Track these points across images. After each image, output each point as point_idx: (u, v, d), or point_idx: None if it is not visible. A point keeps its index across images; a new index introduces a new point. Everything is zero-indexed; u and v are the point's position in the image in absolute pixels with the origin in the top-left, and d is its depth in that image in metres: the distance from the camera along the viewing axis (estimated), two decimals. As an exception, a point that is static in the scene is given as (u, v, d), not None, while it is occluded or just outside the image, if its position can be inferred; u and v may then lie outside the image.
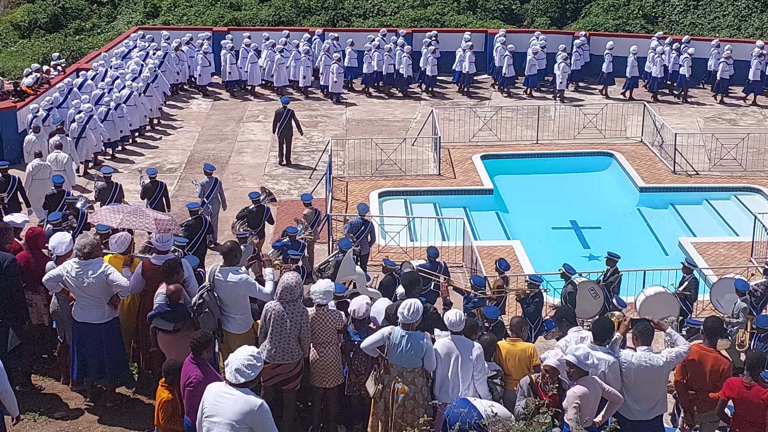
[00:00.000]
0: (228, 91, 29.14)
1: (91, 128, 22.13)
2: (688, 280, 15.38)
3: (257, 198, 17.37)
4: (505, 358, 10.19)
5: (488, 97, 29.15)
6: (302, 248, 15.62)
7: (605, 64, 28.85)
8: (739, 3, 34.29)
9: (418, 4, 35.76)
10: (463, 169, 23.54)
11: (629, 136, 25.55)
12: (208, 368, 8.88)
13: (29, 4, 38.10)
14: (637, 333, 9.64)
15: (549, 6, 35.74)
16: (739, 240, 19.85)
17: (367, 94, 29.21)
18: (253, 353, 7.69)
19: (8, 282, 10.57)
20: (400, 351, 9.50)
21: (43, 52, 32.90)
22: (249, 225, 16.69)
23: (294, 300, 10.04)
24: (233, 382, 7.58)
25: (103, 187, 17.80)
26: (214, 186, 18.15)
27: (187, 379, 8.79)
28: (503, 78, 29.14)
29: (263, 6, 36.21)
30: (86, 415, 10.73)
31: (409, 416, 9.50)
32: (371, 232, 17.15)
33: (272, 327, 10.00)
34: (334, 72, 28.23)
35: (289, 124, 23.24)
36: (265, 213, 17.28)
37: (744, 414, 9.58)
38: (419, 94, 29.26)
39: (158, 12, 36.75)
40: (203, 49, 28.90)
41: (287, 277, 10.15)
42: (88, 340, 10.44)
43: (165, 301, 10.23)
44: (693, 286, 15.37)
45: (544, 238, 20.76)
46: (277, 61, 28.66)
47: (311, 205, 17.68)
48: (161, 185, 18.02)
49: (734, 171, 23.29)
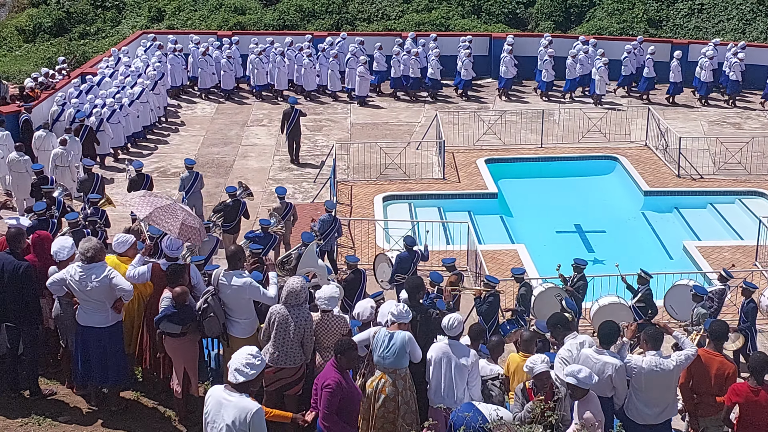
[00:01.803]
0: (226, 96, 29.11)
1: (113, 123, 23.03)
2: (642, 291, 15.21)
3: (233, 192, 17.76)
4: (514, 372, 10.12)
5: (491, 100, 29.14)
6: (274, 241, 16.09)
7: (646, 70, 28.61)
8: (743, 7, 34.27)
9: (422, 8, 35.79)
10: (467, 172, 23.53)
11: (633, 140, 25.53)
12: (347, 375, 9.00)
13: (34, 9, 38.16)
14: (647, 338, 9.63)
15: (553, 10, 35.74)
16: (743, 244, 19.81)
17: (395, 98, 29.13)
18: (253, 352, 7.67)
19: (24, 288, 10.60)
20: (383, 350, 9.54)
21: (48, 56, 32.98)
22: (225, 219, 17.21)
23: (299, 304, 10.03)
24: (233, 381, 7.56)
25: (84, 179, 18.51)
26: (195, 180, 18.70)
27: (325, 382, 8.87)
28: (542, 83, 28.99)
29: (267, 10, 36.27)
30: (91, 418, 10.72)
31: (390, 416, 9.56)
32: (338, 229, 17.58)
33: (276, 331, 10.00)
34: (359, 75, 28.31)
35: (297, 124, 23.64)
36: (241, 207, 17.68)
37: (751, 419, 9.55)
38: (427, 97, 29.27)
39: (163, 16, 36.82)
40: (227, 53, 28.90)
41: (292, 281, 10.15)
42: (92, 344, 10.42)
43: (171, 304, 10.25)
44: (648, 297, 15.18)
45: (549, 242, 20.74)
46: (306, 65, 28.71)
47: (284, 198, 18.09)
48: (147, 178, 18.59)
49: (739, 175, 23.26)
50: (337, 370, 8.97)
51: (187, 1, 37.20)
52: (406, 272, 15.64)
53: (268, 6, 36.78)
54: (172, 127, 26.65)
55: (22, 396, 11.00)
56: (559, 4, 35.82)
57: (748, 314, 14.51)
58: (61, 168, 20.29)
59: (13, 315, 10.71)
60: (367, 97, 28.79)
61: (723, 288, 15.28)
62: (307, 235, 14.73)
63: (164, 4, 37.26)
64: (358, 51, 28.98)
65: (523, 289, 14.89)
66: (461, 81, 29.18)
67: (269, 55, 28.76)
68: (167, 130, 26.36)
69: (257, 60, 28.61)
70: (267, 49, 28.84)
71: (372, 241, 19.27)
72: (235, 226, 17.55)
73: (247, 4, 36.85)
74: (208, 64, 28.80)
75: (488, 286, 14.32)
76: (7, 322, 10.80)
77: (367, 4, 36.33)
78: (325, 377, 8.97)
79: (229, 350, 10.54)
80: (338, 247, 18.61)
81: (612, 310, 14.64)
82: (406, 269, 15.82)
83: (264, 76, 28.84)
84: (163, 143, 25.34)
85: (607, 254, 20.12)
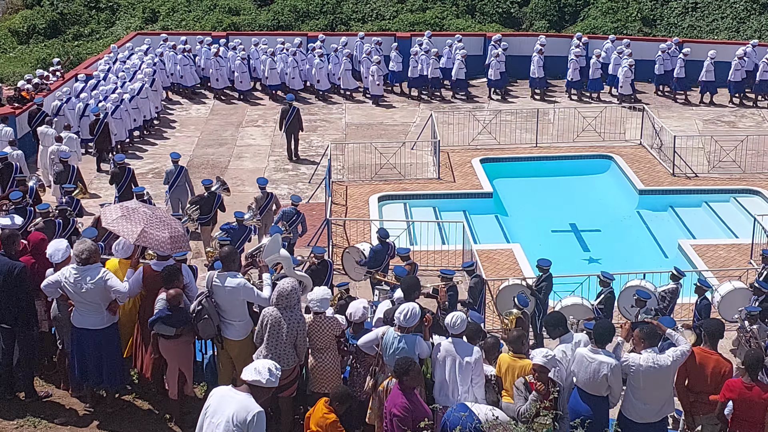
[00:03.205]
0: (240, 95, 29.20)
1: (116, 118, 23.45)
2: (605, 293, 15.19)
3: (209, 185, 18.16)
4: (505, 372, 10.10)
5: (485, 100, 29.18)
6: (249, 233, 16.49)
7: (677, 69, 28.46)
8: (737, 5, 34.32)
9: (417, 8, 35.79)
10: (462, 172, 23.54)
11: (628, 139, 25.56)
12: (414, 396, 8.90)
13: (28, 10, 38.10)
14: (643, 336, 9.64)
15: (547, 9, 35.77)
16: (738, 242, 19.83)
17: (418, 98, 29.05)
18: (274, 368, 7.68)
19: (19, 290, 10.58)
20: (393, 352, 9.57)
21: (42, 57, 32.91)
22: (201, 211, 17.65)
23: (291, 306, 9.99)
24: (248, 379, 7.52)
25: (60, 170, 19.03)
26: (179, 174, 19.08)
27: (392, 410, 8.79)
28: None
29: (262, 11, 36.25)
30: (87, 420, 10.72)
31: None
32: (302, 222, 17.76)
33: (269, 333, 9.95)
34: (374, 75, 28.35)
35: (295, 121, 23.78)
36: (216, 200, 18.03)
37: (744, 415, 9.59)
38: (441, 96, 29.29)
39: (157, 17, 36.78)
40: (241, 54, 28.91)
41: (283, 283, 10.11)
42: (88, 346, 10.41)
43: (165, 306, 10.23)
44: (609, 299, 15.16)
45: (544, 241, 20.74)
46: (317, 65, 28.78)
47: (265, 189, 18.35)
48: (128, 171, 18.96)
49: (733, 173, 23.29)
50: (403, 393, 8.84)
51: (181, 2, 37.17)
52: (380, 264, 15.86)
53: (262, 6, 36.76)
54: (166, 128, 26.63)
55: (18, 398, 10.99)
56: (553, 4, 35.83)
57: (701, 311, 14.51)
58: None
59: (8, 317, 10.69)
60: (382, 96, 28.76)
61: (675, 287, 15.21)
62: (275, 230, 15.06)
63: (158, 5, 37.21)
64: (374, 50, 29.06)
65: (474, 280, 15.05)
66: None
67: (282, 55, 28.92)
68: (162, 131, 26.34)
69: (270, 60, 28.62)
70: (278, 49, 28.95)
71: (367, 241, 19.23)
72: (211, 219, 17.95)
73: (241, 4, 36.83)
74: (220, 65, 28.84)
75: (445, 279, 14.49)
76: (2, 324, 10.77)
77: (361, 4, 36.32)
78: (393, 404, 8.85)
79: (223, 352, 10.54)
80: (334, 247, 18.64)
81: (574, 310, 14.61)
82: (381, 261, 16.03)
83: (277, 76, 28.81)
84: (157, 144, 25.31)
85: (602, 253, 20.16)
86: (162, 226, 10.99)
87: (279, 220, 17.22)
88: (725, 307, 15.41)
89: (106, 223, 11.22)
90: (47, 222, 14.83)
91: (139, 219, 11.00)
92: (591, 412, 9.39)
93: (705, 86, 28.52)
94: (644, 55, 29.25)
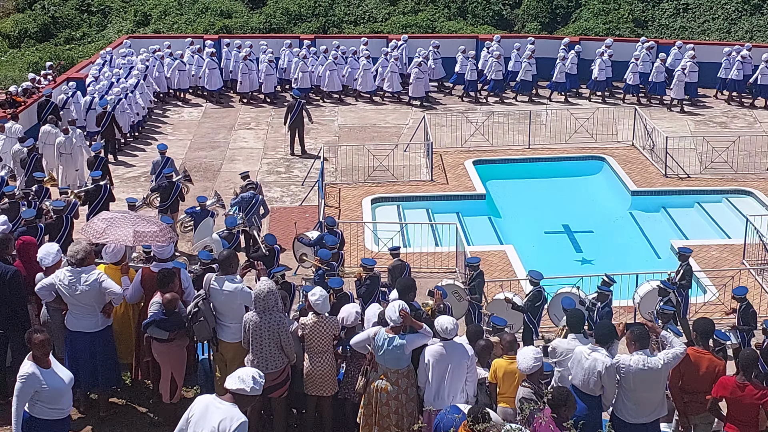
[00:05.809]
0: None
1: (119, 111, 23.78)
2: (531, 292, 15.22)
3: (170, 174, 18.88)
4: (502, 376, 10.06)
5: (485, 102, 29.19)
6: (210, 216, 17.54)
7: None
8: (728, 6, 34.43)
9: (409, 10, 35.83)
10: (455, 174, 23.56)
11: (620, 140, 25.59)
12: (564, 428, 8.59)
13: (19, 14, 38.05)
14: (634, 337, 9.61)
15: (539, 11, 35.84)
16: (731, 243, 19.86)
17: (461, 98, 29.07)
18: (257, 375, 7.59)
19: (11, 294, 10.55)
20: (384, 352, 9.59)
21: (34, 61, 32.84)
22: (160, 198, 18.63)
23: (270, 309, 9.91)
24: (232, 388, 7.46)
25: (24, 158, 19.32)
26: (164, 164, 19.65)
27: None
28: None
29: (254, 13, 36.24)
30: (79, 425, 10.67)
31: (393, 416, 9.59)
32: (263, 204, 18.44)
33: (252, 338, 9.95)
34: (416, 77, 28.39)
35: (300, 115, 24.04)
36: (175, 189, 18.61)
37: (737, 413, 9.60)
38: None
39: (149, 20, 36.75)
40: (268, 57, 28.73)
41: (260, 285, 10.07)
42: (82, 349, 10.38)
43: (160, 310, 10.19)
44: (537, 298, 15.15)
45: (537, 243, 20.78)
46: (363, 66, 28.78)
47: (248, 177, 19.23)
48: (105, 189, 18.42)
49: (725, 174, 23.34)
50: (557, 425, 8.57)
51: (172, 5, 37.14)
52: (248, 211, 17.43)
53: (254, 9, 36.76)
54: (158, 131, 26.59)
55: (10, 403, 10.93)
56: (545, 5, 35.91)
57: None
58: (65, 155, 20.66)
59: (0, 321, 10.66)
60: (424, 97, 28.73)
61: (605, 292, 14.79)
62: (231, 220, 16.27)
63: (150, 9, 37.18)
64: (431, 53, 29.21)
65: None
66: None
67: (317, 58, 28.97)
68: (154, 134, 26.30)
69: (302, 63, 28.52)
70: (310, 51, 28.96)
71: (361, 244, 19.26)
72: (171, 206, 18.54)
73: (233, 7, 36.84)
74: (249, 69, 28.62)
75: (366, 269, 14.82)
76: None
77: (353, 6, 36.36)
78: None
79: (219, 355, 10.53)
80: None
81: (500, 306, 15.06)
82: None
83: (308, 79, 28.66)
84: (150, 147, 25.25)
85: (595, 254, 20.20)
86: (147, 223, 11.44)
87: (236, 203, 17.95)
88: (645, 308, 15.68)
89: (95, 238, 11.30)
90: (12, 203, 15.45)
91: (125, 222, 11.26)
92: (586, 411, 9.38)
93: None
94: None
